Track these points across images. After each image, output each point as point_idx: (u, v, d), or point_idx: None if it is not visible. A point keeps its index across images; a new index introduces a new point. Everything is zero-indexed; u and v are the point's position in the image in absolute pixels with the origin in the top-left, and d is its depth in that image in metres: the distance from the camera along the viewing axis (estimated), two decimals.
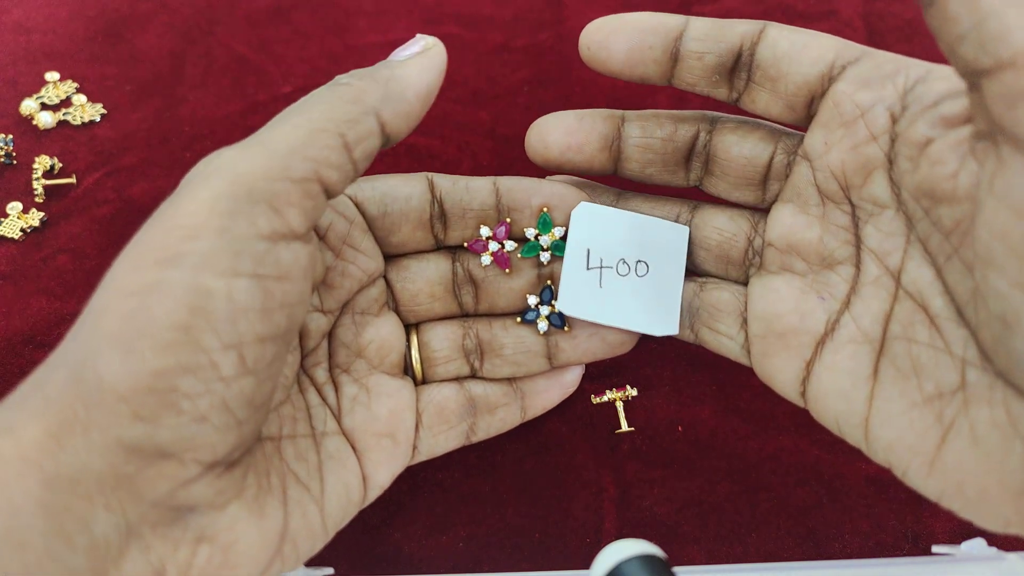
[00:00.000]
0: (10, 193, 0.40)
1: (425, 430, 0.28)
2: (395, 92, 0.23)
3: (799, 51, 0.24)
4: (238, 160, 0.21)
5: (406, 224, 0.27)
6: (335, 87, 0.23)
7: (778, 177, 0.27)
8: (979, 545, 0.28)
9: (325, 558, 0.31)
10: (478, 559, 0.31)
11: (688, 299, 0.28)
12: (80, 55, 0.45)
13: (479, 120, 0.43)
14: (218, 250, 0.19)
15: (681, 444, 0.33)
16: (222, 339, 0.19)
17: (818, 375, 0.24)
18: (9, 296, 0.37)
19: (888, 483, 0.32)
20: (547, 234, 0.28)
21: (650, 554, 0.21)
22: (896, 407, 0.22)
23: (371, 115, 0.22)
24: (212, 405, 0.19)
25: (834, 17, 0.47)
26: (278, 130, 0.21)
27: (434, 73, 0.24)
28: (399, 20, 0.47)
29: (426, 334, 0.29)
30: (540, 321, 0.28)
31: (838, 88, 0.24)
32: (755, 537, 0.31)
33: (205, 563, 0.21)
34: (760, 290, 0.26)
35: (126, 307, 0.19)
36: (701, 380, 0.35)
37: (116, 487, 0.19)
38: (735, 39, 0.25)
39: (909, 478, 0.22)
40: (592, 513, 0.32)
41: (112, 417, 0.19)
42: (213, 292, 0.19)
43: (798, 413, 0.34)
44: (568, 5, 0.47)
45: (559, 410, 0.34)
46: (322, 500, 0.24)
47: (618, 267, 0.28)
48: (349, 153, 0.22)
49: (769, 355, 0.26)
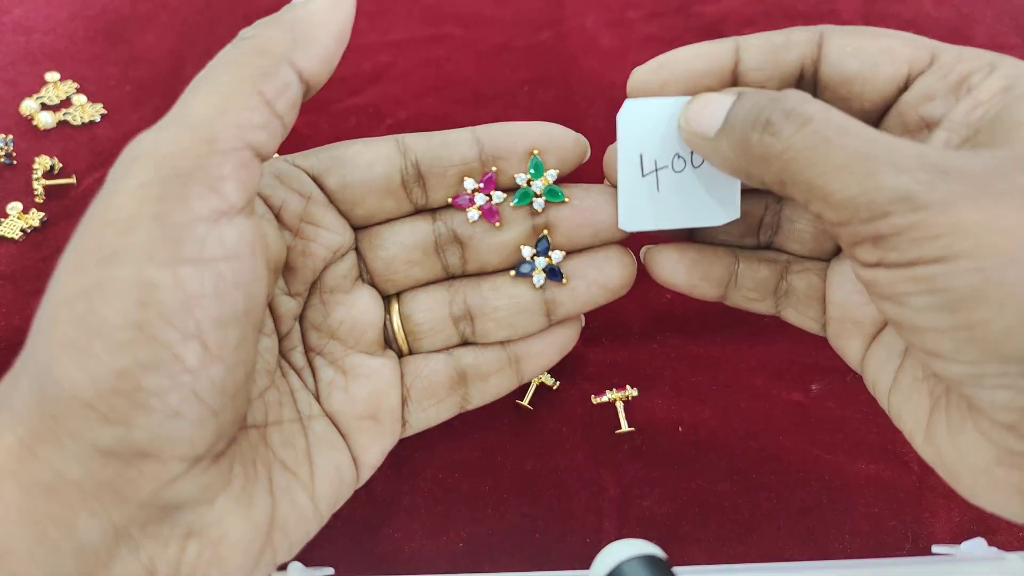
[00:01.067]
0: (10, 193, 0.40)
1: (414, 404, 0.27)
2: (305, 35, 0.21)
3: (873, 69, 0.23)
4: (159, 142, 0.20)
5: (371, 194, 0.25)
6: (240, 42, 0.21)
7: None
8: (979, 545, 0.28)
9: (325, 558, 0.31)
10: (478, 559, 0.31)
11: (776, 279, 0.27)
12: (80, 55, 0.45)
13: (479, 120, 0.43)
14: (156, 239, 0.18)
15: (681, 444, 0.33)
16: (180, 330, 0.18)
17: (872, 350, 0.25)
18: (9, 296, 0.37)
19: (888, 483, 0.32)
20: (539, 179, 0.26)
21: (650, 554, 0.21)
22: (906, 379, 0.24)
23: (285, 64, 0.21)
24: (183, 399, 0.19)
25: (834, 17, 0.47)
26: (192, 102, 0.20)
27: (344, 6, 0.22)
28: (399, 20, 0.47)
29: (408, 304, 0.27)
30: (536, 274, 0.26)
31: (905, 99, 0.23)
32: (755, 537, 0.31)
33: (195, 558, 0.20)
34: (839, 277, 0.26)
35: (74, 311, 0.18)
36: (701, 380, 0.35)
37: (98, 492, 0.19)
38: (795, 60, 0.24)
39: (915, 445, 0.24)
40: (592, 513, 0.32)
41: (81, 424, 0.18)
42: (160, 284, 0.18)
43: (798, 413, 0.34)
44: (568, 5, 0.47)
45: (559, 410, 0.34)
46: (312, 485, 0.24)
47: (673, 163, 0.26)
48: (272, 109, 0.20)
49: (843, 336, 0.26)
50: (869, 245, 0.19)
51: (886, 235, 0.19)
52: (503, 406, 0.34)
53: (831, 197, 0.19)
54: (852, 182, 0.19)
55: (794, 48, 0.24)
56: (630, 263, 0.27)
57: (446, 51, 0.46)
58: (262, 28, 0.22)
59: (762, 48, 0.24)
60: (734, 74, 0.24)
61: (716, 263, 0.27)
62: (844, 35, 0.23)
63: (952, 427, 0.22)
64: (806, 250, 0.27)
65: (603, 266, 0.27)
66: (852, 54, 0.23)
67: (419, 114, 0.43)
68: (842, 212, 0.19)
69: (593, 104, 0.44)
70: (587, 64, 0.45)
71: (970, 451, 0.21)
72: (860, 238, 0.19)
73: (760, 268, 0.27)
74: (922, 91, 0.23)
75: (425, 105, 0.44)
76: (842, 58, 0.23)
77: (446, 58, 0.46)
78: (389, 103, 0.44)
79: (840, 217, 0.19)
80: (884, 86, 0.23)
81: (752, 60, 0.24)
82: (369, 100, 0.44)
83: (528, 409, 0.34)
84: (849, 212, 0.19)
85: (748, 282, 0.27)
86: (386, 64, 0.45)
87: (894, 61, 0.23)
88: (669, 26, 0.47)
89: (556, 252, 0.26)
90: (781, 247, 0.28)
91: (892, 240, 0.19)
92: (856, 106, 0.24)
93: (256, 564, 0.22)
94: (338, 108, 0.44)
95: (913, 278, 0.19)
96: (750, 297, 0.27)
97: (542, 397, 0.35)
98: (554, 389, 0.34)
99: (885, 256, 0.19)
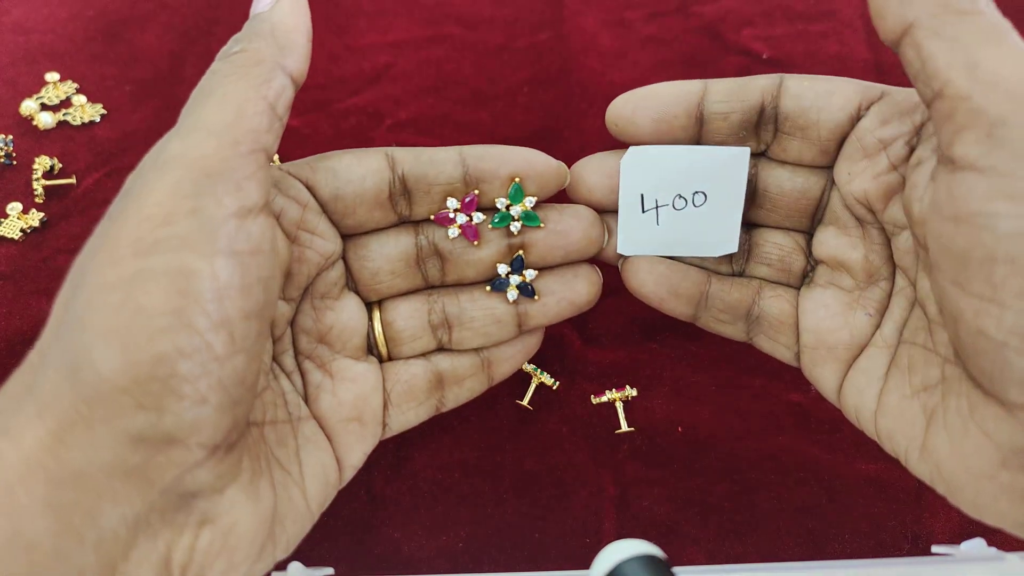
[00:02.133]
0: (10, 193, 0.40)
1: (394, 407, 0.28)
2: (286, 40, 0.24)
3: (826, 99, 0.25)
4: (187, 147, 0.21)
5: (361, 205, 0.27)
6: (234, 57, 0.23)
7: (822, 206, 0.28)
8: (979, 545, 0.28)
9: (325, 558, 0.31)
10: (478, 559, 0.31)
11: (747, 303, 0.29)
12: (80, 55, 0.45)
13: (479, 120, 0.43)
14: (194, 231, 0.20)
15: (681, 444, 0.33)
16: (212, 319, 0.19)
17: (850, 378, 0.26)
18: (9, 296, 0.37)
19: (888, 483, 0.32)
20: (518, 204, 0.27)
21: (650, 554, 0.21)
22: (893, 399, 0.25)
23: (278, 70, 0.23)
24: (210, 386, 0.20)
25: (834, 17, 0.47)
26: (207, 112, 0.22)
27: (302, 5, 0.25)
28: (399, 20, 0.47)
29: (390, 312, 0.28)
30: (510, 290, 0.28)
31: (862, 125, 0.25)
32: (755, 537, 0.31)
33: (207, 546, 0.21)
34: (811, 304, 0.27)
35: (112, 300, 0.19)
36: (701, 380, 0.35)
37: (125, 479, 0.19)
38: (756, 95, 0.26)
39: (910, 464, 0.24)
40: (592, 513, 0.32)
41: (115, 410, 0.19)
42: (197, 273, 0.19)
43: (797, 413, 0.34)
44: (568, 5, 0.48)
45: (559, 410, 0.34)
46: (303, 483, 0.25)
47: (674, 203, 0.28)
48: (275, 112, 0.23)
49: (817, 364, 0.27)
50: (982, 133, 0.19)
51: (1008, 125, 0.19)
52: (503, 406, 0.34)
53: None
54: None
55: (756, 86, 0.26)
56: (597, 280, 0.29)
57: (446, 51, 0.46)
58: (247, 41, 0.23)
59: (727, 85, 0.27)
60: (699, 106, 0.27)
61: (685, 279, 0.29)
62: (803, 77, 0.26)
63: (953, 434, 0.22)
64: (773, 274, 0.29)
65: (572, 283, 0.28)
66: (808, 88, 0.26)
67: (419, 114, 0.43)
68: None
69: (593, 104, 0.44)
70: (587, 64, 0.45)
71: (973, 456, 0.21)
72: (974, 122, 0.19)
73: (731, 290, 0.29)
74: (877, 117, 0.25)
75: (425, 105, 0.44)
76: (800, 92, 0.26)
77: (446, 58, 0.46)
78: (389, 103, 0.44)
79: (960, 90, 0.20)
80: (838, 114, 0.25)
81: (717, 94, 0.27)
82: (369, 100, 0.44)
83: (528, 409, 0.34)
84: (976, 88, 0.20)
85: (718, 303, 0.29)
86: (386, 64, 0.45)
87: (846, 93, 0.25)
88: (669, 26, 0.47)
89: (529, 271, 0.28)
90: (753, 274, 0.29)
91: (1008, 135, 0.19)
92: (814, 134, 0.26)
93: (259, 556, 0.23)
94: (338, 108, 0.44)
95: (1013, 193, 0.19)
96: (720, 319, 0.29)
97: (542, 397, 0.35)
98: (554, 389, 0.34)
99: (988, 156, 0.19)
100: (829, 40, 0.46)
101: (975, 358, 0.21)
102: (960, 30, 0.20)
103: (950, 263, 0.21)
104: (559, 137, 0.43)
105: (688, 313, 0.29)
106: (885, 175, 0.25)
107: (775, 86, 0.26)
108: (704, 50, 0.46)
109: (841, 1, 0.48)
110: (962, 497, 0.22)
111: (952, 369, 0.23)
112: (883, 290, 0.26)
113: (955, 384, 0.23)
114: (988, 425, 0.21)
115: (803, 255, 0.28)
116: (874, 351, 0.26)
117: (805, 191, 0.27)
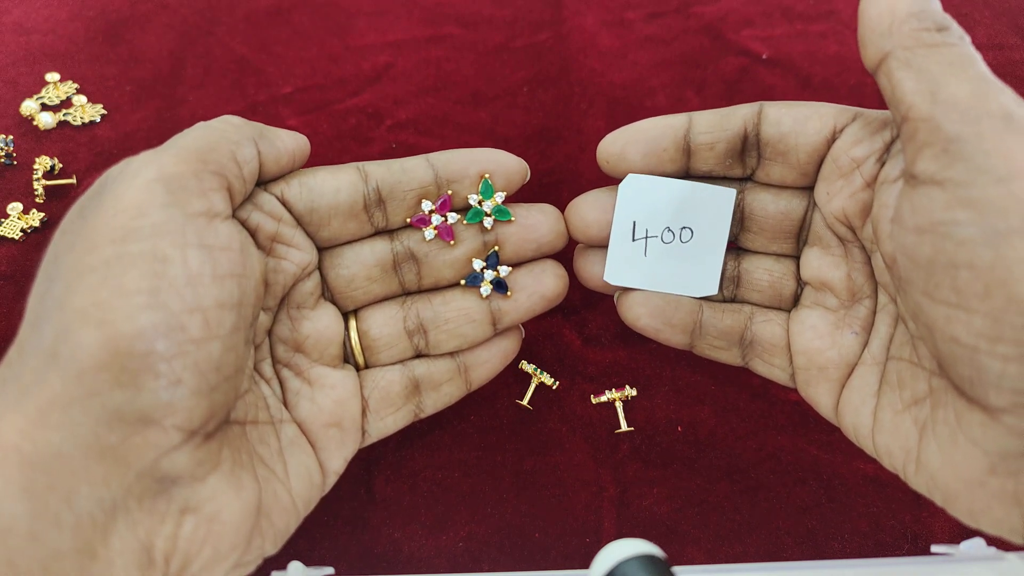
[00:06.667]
0: (10, 193, 0.40)
1: (372, 414, 0.29)
2: (269, 134, 0.27)
3: (803, 124, 0.27)
4: (159, 158, 0.23)
5: (336, 217, 0.28)
6: (215, 122, 0.26)
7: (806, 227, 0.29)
8: (978, 545, 0.28)
9: (325, 558, 0.31)
10: (478, 559, 0.31)
11: (740, 328, 0.29)
12: (80, 56, 0.45)
13: (479, 120, 0.43)
14: (167, 223, 0.21)
15: (681, 444, 0.33)
16: (186, 302, 0.21)
17: (844, 397, 0.27)
18: (9, 296, 0.37)
19: (887, 483, 0.32)
20: (489, 199, 0.29)
21: (650, 554, 0.21)
22: (887, 415, 0.25)
23: (250, 140, 0.25)
24: (186, 367, 0.21)
25: (834, 17, 0.47)
26: (182, 140, 0.24)
27: (302, 144, 0.28)
28: (399, 20, 0.47)
29: (366, 321, 0.29)
30: (484, 285, 0.29)
31: (837, 146, 0.26)
32: (755, 537, 0.31)
33: (191, 534, 0.21)
34: (798, 326, 0.28)
35: (91, 281, 0.20)
36: (701, 380, 0.35)
37: (101, 459, 0.20)
38: (738, 124, 0.27)
39: (907, 478, 0.25)
40: (592, 513, 0.32)
41: (93, 387, 0.19)
42: (171, 258, 0.21)
43: (796, 413, 0.34)
44: (568, 5, 0.48)
45: (559, 410, 0.34)
46: (288, 481, 0.25)
47: (663, 235, 0.29)
48: (240, 168, 0.25)
49: (812, 384, 0.28)
50: (940, 149, 0.21)
51: (962, 140, 0.20)
52: (503, 406, 0.34)
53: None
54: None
55: (738, 115, 0.28)
56: (563, 275, 0.30)
57: (446, 51, 0.46)
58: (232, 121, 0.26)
59: (710, 117, 0.28)
60: (686, 138, 0.28)
61: (679, 310, 0.29)
62: (781, 104, 0.27)
63: (943, 445, 0.23)
64: (765, 299, 0.29)
65: (541, 277, 0.30)
66: (786, 114, 0.27)
67: (419, 114, 0.43)
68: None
69: (592, 104, 0.44)
70: (587, 64, 0.45)
71: (963, 464, 0.22)
72: (932, 139, 0.21)
73: (724, 317, 0.29)
74: (850, 138, 0.26)
75: (425, 105, 0.44)
76: (778, 118, 0.27)
77: (446, 58, 0.46)
78: (389, 103, 0.44)
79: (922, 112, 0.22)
80: (814, 137, 0.27)
81: (701, 125, 0.28)
82: (369, 100, 0.44)
83: (528, 409, 0.34)
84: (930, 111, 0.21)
85: (712, 331, 0.29)
86: (386, 64, 0.45)
87: (821, 117, 0.27)
88: (668, 26, 0.47)
89: (503, 267, 0.29)
90: (744, 299, 0.30)
91: (962, 149, 0.20)
92: (793, 158, 0.27)
93: (247, 546, 0.23)
94: (338, 108, 0.44)
95: (969, 201, 0.20)
96: (715, 345, 0.30)
97: (542, 397, 0.35)
98: (554, 389, 0.35)
99: (946, 169, 0.21)
100: (829, 40, 0.46)
101: (954, 366, 0.21)
102: (929, 61, 0.22)
103: (918, 274, 0.22)
104: (559, 137, 0.43)
105: (684, 342, 0.30)
106: (860, 192, 0.26)
107: (755, 114, 0.27)
108: (704, 50, 0.46)
109: (841, 1, 0.48)
110: (957, 506, 0.23)
111: (938, 381, 0.23)
112: (867, 308, 0.27)
113: (941, 395, 0.23)
114: (974, 432, 0.21)
115: (793, 279, 0.29)
116: (864, 369, 0.26)
117: (788, 212, 0.28)
